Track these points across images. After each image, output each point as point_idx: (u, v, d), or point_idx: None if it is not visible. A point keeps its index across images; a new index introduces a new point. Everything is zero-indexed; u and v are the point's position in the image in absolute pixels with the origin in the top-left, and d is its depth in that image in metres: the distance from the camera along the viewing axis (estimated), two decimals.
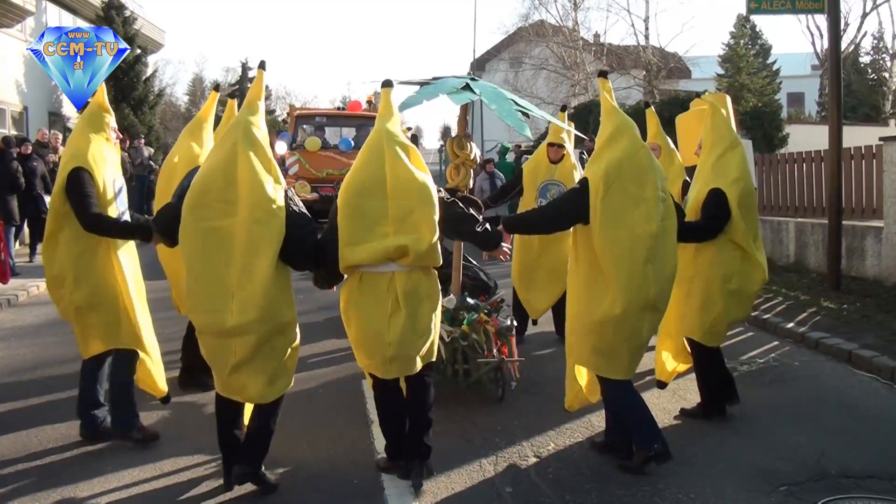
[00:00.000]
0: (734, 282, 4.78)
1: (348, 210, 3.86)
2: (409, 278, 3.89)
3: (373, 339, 3.89)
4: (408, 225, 3.85)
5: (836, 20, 9.50)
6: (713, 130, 4.93)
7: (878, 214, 9.13)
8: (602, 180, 4.05)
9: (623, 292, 3.99)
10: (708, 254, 4.80)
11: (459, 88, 5.03)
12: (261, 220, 3.69)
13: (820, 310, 7.84)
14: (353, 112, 15.46)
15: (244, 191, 3.71)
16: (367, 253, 3.80)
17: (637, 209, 4.06)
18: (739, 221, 4.70)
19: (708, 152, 4.91)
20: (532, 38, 29.52)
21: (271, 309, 3.71)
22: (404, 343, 3.87)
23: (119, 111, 20.34)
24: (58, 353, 6.61)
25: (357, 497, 3.97)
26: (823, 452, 4.43)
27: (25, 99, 17.09)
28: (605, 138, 4.23)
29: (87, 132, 4.57)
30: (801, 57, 34.49)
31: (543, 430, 4.84)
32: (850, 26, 27.42)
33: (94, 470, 4.27)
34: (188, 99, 52.00)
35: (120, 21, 20.76)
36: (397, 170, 3.88)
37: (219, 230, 3.71)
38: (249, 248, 3.68)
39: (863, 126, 21.01)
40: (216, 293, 3.70)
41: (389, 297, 3.86)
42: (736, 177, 4.73)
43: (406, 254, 3.81)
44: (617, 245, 4.01)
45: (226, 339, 3.73)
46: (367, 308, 3.89)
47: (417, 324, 3.91)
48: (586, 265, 4.18)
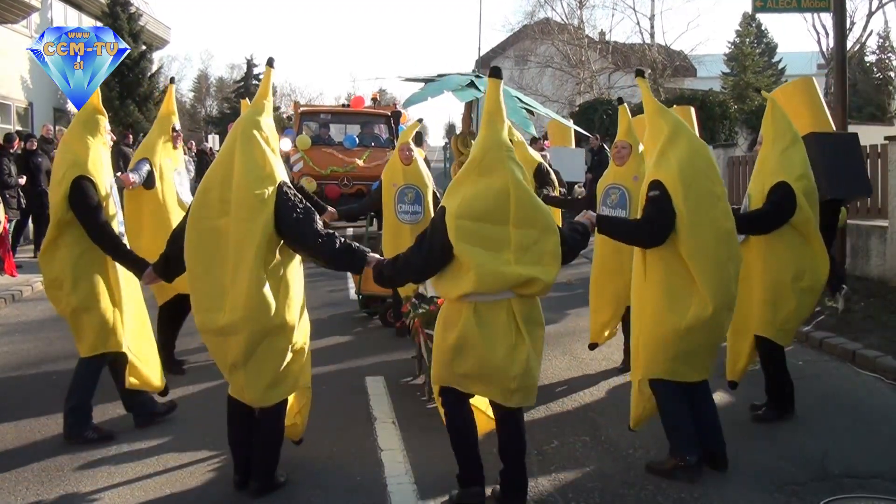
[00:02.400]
0: (806, 279, 4.75)
1: (466, 234, 3.49)
2: (524, 304, 3.61)
3: (496, 372, 3.57)
4: (531, 254, 3.53)
5: (841, 19, 9.49)
6: (773, 125, 4.87)
7: (883, 214, 9.11)
8: (679, 180, 3.93)
9: (713, 293, 3.91)
10: (778, 251, 4.73)
11: (464, 86, 5.05)
12: (245, 218, 3.65)
13: (824, 309, 7.81)
14: (357, 109, 15.47)
15: (235, 189, 3.70)
16: (495, 282, 3.48)
17: (716, 207, 3.99)
18: (810, 213, 4.67)
19: (770, 146, 4.84)
20: (537, 36, 29.51)
21: (259, 308, 3.64)
22: (527, 373, 3.61)
23: (124, 108, 20.43)
24: (62, 349, 6.62)
25: (360, 494, 3.97)
26: (827, 452, 4.42)
27: (30, 95, 17.13)
28: (665, 136, 4.10)
29: (83, 136, 4.60)
30: (807, 56, 34.34)
31: (546, 428, 4.84)
32: (856, 25, 27.26)
33: (97, 464, 4.29)
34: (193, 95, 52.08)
35: (125, 17, 20.80)
36: (523, 202, 3.54)
37: (216, 229, 3.72)
38: (238, 246, 3.66)
39: (868, 125, 20.91)
40: (212, 292, 3.71)
41: (511, 326, 3.58)
42: (801, 173, 4.69)
43: (533, 287, 3.54)
44: (705, 246, 3.92)
45: (221, 337, 3.74)
46: (488, 340, 3.55)
47: (536, 350, 3.67)
48: (661, 274, 4.05)
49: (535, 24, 29.71)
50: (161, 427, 4.81)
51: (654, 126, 4.21)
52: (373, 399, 5.43)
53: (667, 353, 4.05)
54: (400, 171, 7.01)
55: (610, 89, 27.17)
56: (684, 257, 3.93)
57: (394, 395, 5.49)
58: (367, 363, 6.21)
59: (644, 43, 27.26)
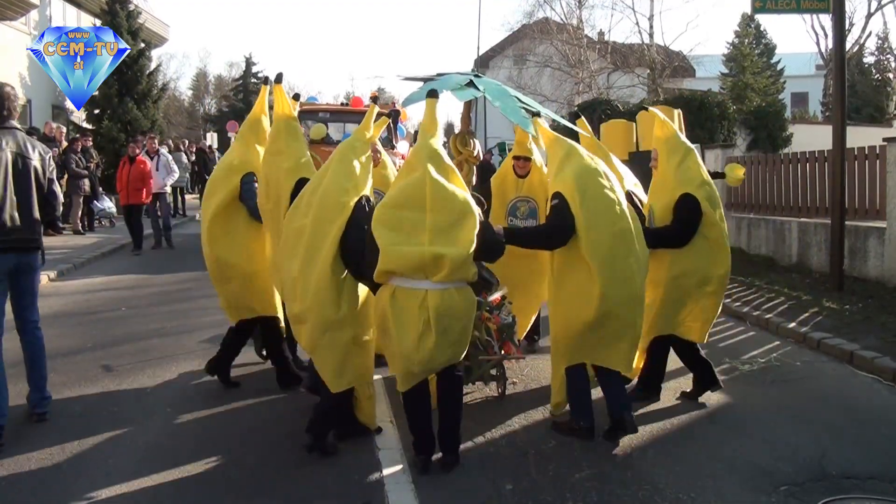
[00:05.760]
0: (712, 284, 5.03)
1: (384, 219, 3.96)
2: (442, 297, 3.89)
3: (402, 355, 3.96)
4: (446, 237, 3.90)
5: (840, 20, 9.48)
6: (665, 141, 5.17)
7: (881, 215, 9.11)
8: (575, 188, 4.41)
9: (609, 287, 4.31)
10: (683, 259, 4.98)
11: (463, 85, 5.03)
12: (324, 219, 4.11)
13: (822, 310, 7.83)
14: (356, 108, 15.45)
15: (321, 194, 4.19)
16: (401, 258, 3.86)
17: (611, 209, 4.42)
18: (714, 217, 4.97)
19: (666, 161, 5.12)
20: (536, 36, 29.44)
21: (319, 303, 4.07)
22: (431, 360, 3.97)
23: (122, 105, 20.38)
24: (61, 346, 6.62)
25: (357, 491, 3.97)
26: (824, 453, 4.42)
27: (29, 92, 17.12)
28: (561, 157, 4.67)
29: (290, 144, 5.06)
30: (806, 57, 34.41)
31: (544, 428, 4.85)
32: (855, 26, 27.41)
33: (95, 462, 4.29)
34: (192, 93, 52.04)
35: (124, 15, 20.74)
36: (439, 191, 3.97)
37: (297, 229, 4.24)
38: (312, 243, 4.12)
39: (867, 126, 20.97)
40: (289, 282, 4.26)
41: (421, 317, 3.87)
42: (701, 181, 5.01)
43: (442, 265, 3.84)
44: (601, 244, 4.34)
45: (297, 325, 4.31)
46: (398, 327, 3.93)
47: (447, 340, 3.95)
48: (567, 272, 4.54)
49: (533, 23, 29.64)
50: (161, 426, 4.81)
51: (552, 152, 4.82)
52: None
53: (581, 342, 4.55)
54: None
55: (609, 89, 27.15)
56: (585, 257, 4.35)
57: (391, 394, 5.48)
58: None
59: (643, 43, 27.21)
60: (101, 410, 5.16)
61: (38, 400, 4.94)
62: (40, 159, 4.87)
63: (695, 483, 4.04)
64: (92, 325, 7.78)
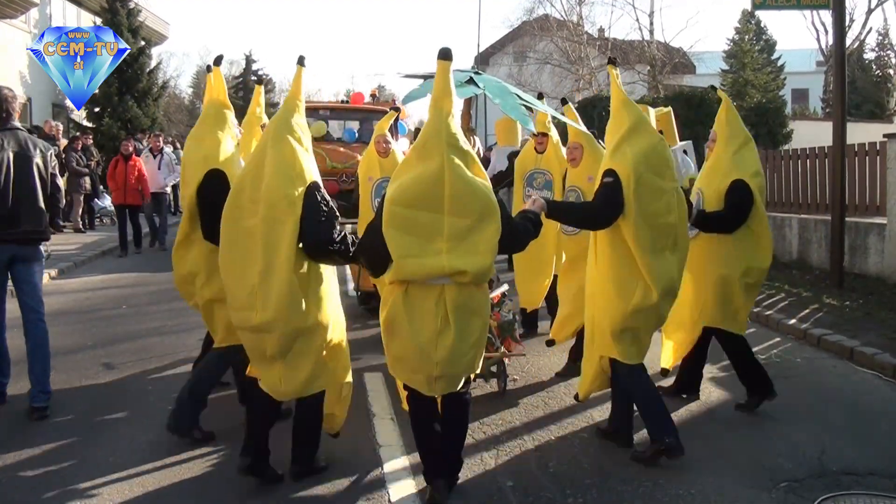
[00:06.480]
0: (752, 275, 4.93)
1: (396, 221, 3.52)
2: (459, 292, 3.57)
3: (418, 356, 3.59)
4: (466, 244, 3.52)
5: (841, 16, 9.46)
6: (728, 125, 5.06)
7: (881, 211, 9.11)
8: (632, 172, 4.12)
9: (656, 281, 4.12)
10: (727, 247, 4.89)
11: (463, 82, 5.02)
12: (275, 219, 3.69)
13: (822, 307, 7.83)
14: (356, 105, 15.43)
15: (265, 189, 3.73)
16: (417, 272, 3.51)
17: (660, 200, 4.18)
18: (762, 209, 4.91)
19: (725, 146, 5.02)
20: (536, 33, 29.41)
21: (290, 310, 3.68)
22: (452, 362, 3.59)
23: (123, 103, 20.38)
24: (62, 344, 6.61)
25: (358, 490, 3.98)
26: (824, 449, 4.43)
27: (29, 90, 17.12)
28: (625, 130, 4.26)
29: (213, 131, 4.56)
30: (806, 53, 34.30)
31: (545, 425, 4.85)
32: (855, 23, 27.27)
33: (96, 460, 4.29)
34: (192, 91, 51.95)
35: (124, 13, 20.74)
36: (458, 189, 3.51)
37: (247, 230, 3.76)
38: (267, 247, 3.70)
39: (867, 123, 20.98)
40: (244, 292, 3.76)
41: (439, 313, 3.55)
42: (755, 170, 4.93)
43: (463, 278, 3.52)
44: (643, 236, 4.12)
45: (256, 334, 3.80)
46: (414, 324, 3.57)
47: (466, 339, 3.61)
48: (610, 259, 4.25)
49: (534, 20, 29.60)
50: (162, 425, 4.81)
51: (618, 117, 4.35)
52: (371, 395, 5.44)
53: (615, 334, 4.25)
54: (377, 164, 6.80)
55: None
56: (630, 245, 4.13)
57: (392, 391, 5.48)
58: (366, 359, 6.20)
59: (643, 40, 27.16)
60: (102, 408, 5.17)
61: (37, 393, 4.95)
62: (41, 156, 5.04)
63: (695, 479, 4.05)
64: (92, 323, 7.79)
